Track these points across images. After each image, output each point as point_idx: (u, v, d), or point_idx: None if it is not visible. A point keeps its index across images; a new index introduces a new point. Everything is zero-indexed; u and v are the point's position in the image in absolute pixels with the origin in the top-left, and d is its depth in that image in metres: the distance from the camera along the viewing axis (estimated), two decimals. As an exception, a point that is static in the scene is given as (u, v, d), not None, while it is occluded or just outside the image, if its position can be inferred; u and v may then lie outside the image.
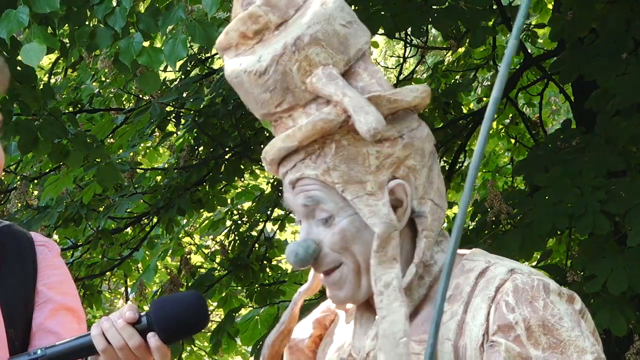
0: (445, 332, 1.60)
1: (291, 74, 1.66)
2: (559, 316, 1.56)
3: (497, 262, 1.64)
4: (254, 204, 7.18)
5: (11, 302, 2.09)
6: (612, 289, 4.20)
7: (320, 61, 1.66)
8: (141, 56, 3.89)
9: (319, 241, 1.67)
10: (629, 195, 4.32)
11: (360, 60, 1.69)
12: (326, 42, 1.66)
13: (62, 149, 4.98)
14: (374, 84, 1.67)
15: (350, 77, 1.68)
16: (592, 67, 4.67)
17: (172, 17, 3.83)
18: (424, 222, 1.67)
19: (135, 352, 1.85)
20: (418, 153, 1.67)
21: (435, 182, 1.69)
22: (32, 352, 1.88)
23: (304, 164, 1.67)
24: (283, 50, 1.66)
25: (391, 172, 1.65)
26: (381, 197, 1.64)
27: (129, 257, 6.97)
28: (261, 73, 1.68)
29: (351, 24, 1.68)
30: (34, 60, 3.71)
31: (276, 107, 1.69)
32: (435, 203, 1.68)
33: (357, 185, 1.65)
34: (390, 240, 1.63)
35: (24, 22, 3.73)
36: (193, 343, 7.02)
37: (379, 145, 1.65)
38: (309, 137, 1.66)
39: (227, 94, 5.97)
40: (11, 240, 2.15)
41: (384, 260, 1.63)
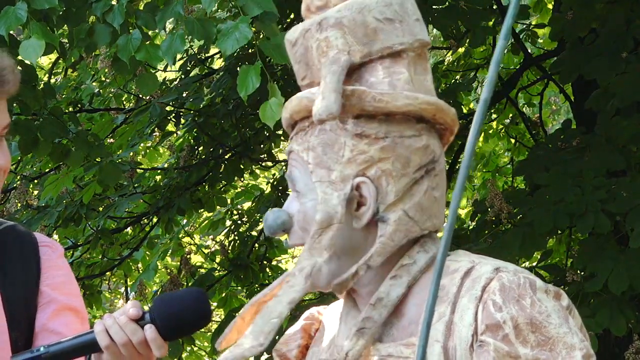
0: (433, 334, 1.59)
1: (311, 50, 1.69)
2: (547, 313, 1.55)
3: (481, 262, 1.63)
4: (253, 204, 7.18)
5: (14, 302, 2.10)
6: (613, 288, 4.20)
7: (337, 45, 1.66)
8: (139, 52, 3.89)
9: (293, 215, 1.69)
10: (630, 195, 4.32)
11: (389, 58, 1.67)
12: (350, 29, 1.67)
13: (62, 149, 4.98)
14: (384, 82, 1.67)
15: (367, 70, 1.68)
16: (592, 66, 4.67)
17: (170, 12, 3.82)
18: (385, 229, 1.65)
19: (139, 349, 1.85)
20: (399, 160, 1.65)
21: (418, 196, 1.66)
22: (35, 350, 1.88)
23: (296, 138, 1.72)
24: (310, 26, 1.69)
25: (362, 169, 1.65)
26: (340, 188, 1.64)
27: (129, 257, 6.97)
28: (293, 44, 1.73)
29: (391, 22, 1.67)
30: (32, 57, 3.70)
31: (301, 80, 1.73)
32: (409, 215, 1.65)
33: (324, 171, 1.66)
34: (327, 231, 1.64)
35: (22, 18, 3.72)
36: (193, 343, 7.02)
37: (357, 138, 1.65)
38: (296, 111, 1.71)
39: (227, 93, 5.97)
40: (15, 240, 2.16)
41: (315, 247, 1.64)
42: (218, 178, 6.43)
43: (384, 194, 1.65)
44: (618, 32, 4.70)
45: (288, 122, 1.74)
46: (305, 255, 1.65)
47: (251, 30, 3.65)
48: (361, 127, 1.66)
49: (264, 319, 1.63)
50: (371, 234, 1.66)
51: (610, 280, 4.22)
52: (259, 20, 3.70)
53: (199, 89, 6.32)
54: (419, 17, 1.71)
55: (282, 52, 3.77)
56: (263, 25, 3.74)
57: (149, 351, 1.86)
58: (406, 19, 1.69)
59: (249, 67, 3.75)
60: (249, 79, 3.71)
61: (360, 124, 1.66)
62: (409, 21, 1.69)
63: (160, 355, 1.86)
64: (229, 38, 3.67)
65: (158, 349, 1.85)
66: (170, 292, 2.03)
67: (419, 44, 1.69)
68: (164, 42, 3.93)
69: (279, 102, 3.73)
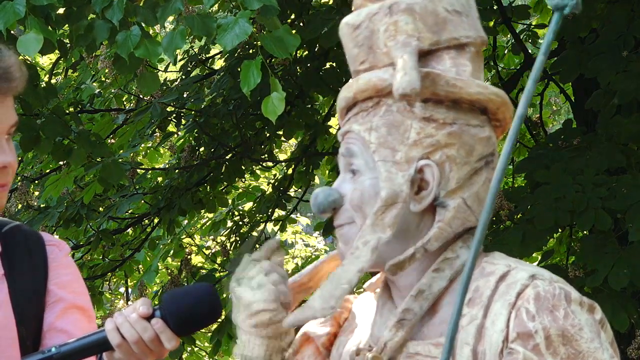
0: (464, 336, 1.58)
1: (378, 34, 1.69)
2: (579, 327, 1.54)
3: (517, 267, 1.62)
4: (254, 205, 7.18)
5: (22, 301, 2.11)
6: (613, 284, 4.20)
7: (407, 30, 1.67)
8: (138, 49, 3.88)
9: (344, 195, 1.69)
10: (630, 192, 4.32)
11: (454, 50, 1.68)
12: (420, 16, 1.67)
13: (64, 148, 4.98)
14: (451, 71, 1.67)
15: (433, 58, 1.68)
16: (593, 65, 4.67)
17: (170, 9, 3.81)
18: (443, 214, 1.65)
19: (150, 345, 1.85)
20: (464, 148, 1.66)
21: (477, 185, 1.66)
22: (46, 350, 1.88)
23: (355, 118, 1.71)
24: (378, 10, 1.69)
25: (427, 152, 1.65)
26: (405, 169, 1.64)
27: (130, 257, 6.97)
28: (355, 27, 1.72)
29: (459, 14, 1.69)
30: (30, 51, 3.68)
31: (360, 65, 1.72)
32: (467, 204, 1.66)
33: (388, 151, 1.66)
34: (392, 209, 1.64)
35: (20, 13, 3.71)
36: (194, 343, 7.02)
37: (425, 122, 1.65)
38: (362, 90, 1.69)
39: (227, 94, 5.97)
40: (22, 240, 2.17)
41: (378, 223, 1.64)
42: (219, 179, 6.44)
43: (446, 180, 1.65)
44: (619, 31, 4.71)
45: (348, 101, 1.73)
46: (368, 230, 1.64)
47: (251, 26, 3.65)
48: (430, 111, 1.66)
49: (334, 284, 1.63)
50: (424, 219, 1.66)
51: (611, 276, 4.22)
52: (260, 13, 3.70)
53: (200, 90, 6.32)
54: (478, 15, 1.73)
55: (283, 45, 3.77)
56: (264, 18, 3.74)
57: (160, 347, 1.86)
58: (471, 14, 1.71)
59: (250, 62, 3.75)
60: (250, 74, 3.71)
61: (429, 108, 1.66)
62: (473, 17, 1.71)
63: (172, 348, 1.87)
64: (229, 33, 3.66)
65: (168, 342, 1.85)
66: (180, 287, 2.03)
67: (481, 40, 1.71)
68: (164, 38, 3.92)
69: (280, 96, 3.73)
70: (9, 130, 2.08)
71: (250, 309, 1.75)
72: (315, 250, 9.87)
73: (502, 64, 7.08)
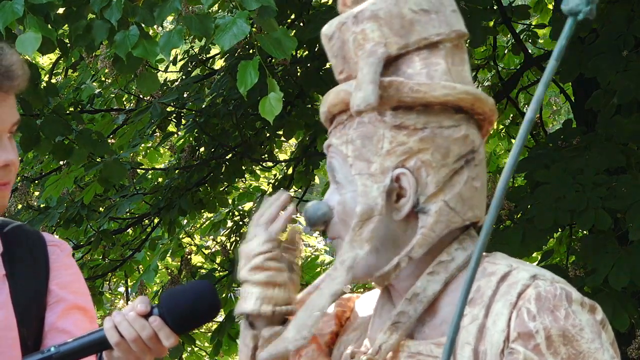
0: (465, 336, 1.58)
1: (348, 44, 1.69)
2: (580, 327, 1.54)
3: (519, 267, 1.62)
4: (255, 205, 7.18)
5: (24, 301, 2.11)
6: (613, 284, 4.20)
7: (374, 38, 1.66)
8: (137, 48, 3.88)
9: (333, 207, 1.69)
10: (630, 192, 4.32)
11: (425, 49, 1.67)
12: (386, 21, 1.66)
13: (65, 147, 4.97)
14: (421, 74, 1.66)
15: (404, 61, 1.68)
16: (593, 65, 4.68)
17: (168, 8, 3.82)
18: (425, 220, 1.64)
19: (148, 343, 1.85)
20: (439, 151, 1.64)
21: (459, 186, 1.65)
22: (46, 350, 1.88)
23: (335, 131, 1.71)
24: (346, 19, 1.69)
25: (401, 160, 1.64)
26: (380, 180, 1.64)
27: (131, 257, 6.97)
28: (329, 37, 1.73)
29: (427, 13, 1.67)
30: (29, 50, 3.68)
31: (339, 75, 1.73)
32: (449, 206, 1.65)
33: (363, 163, 1.66)
34: (368, 223, 1.63)
35: (18, 12, 3.71)
36: (194, 343, 7.02)
37: (396, 130, 1.65)
38: (334, 104, 1.70)
39: (227, 94, 5.97)
40: (23, 240, 2.17)
41: (356, 239, 1.64)
42: (219, 179, 6.44)
43: (423, 185, 1.64)
44: (619, 31, 4.71)
45: (326, 116, 1.74)
46: (346, 247, 1.65)
47: (249, 26, 3.65)
48: (400, 118, 1.65)
49: (307, 313, 1.64)
50: (411, 226, 1.66)
51: (611, 276, 4.22)
52: (258, 15, 3.70)
53: (200, 90, 6.32)
54: (455, 8, 1.71)
55: (281, 47, 3.77)
56: (261, 20, 3.74)
57: (159, 345, 1.86)
58: (442, 10, 1.69)
59: (247, 63, 3.75)
60: (248, 74, 3.71)
61: (399, 115, 1.65)
62: (445, 12, 1.69)
63: (170, 345, 1.86)
64: (227, 33, 3.66)
65: (167, 339, 1.85)
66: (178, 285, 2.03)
67: (456, 34, 1.69)
68: (161, 37, 3.93)
69: (278, 97, 3.73)
70: (11, 128, 2.09)
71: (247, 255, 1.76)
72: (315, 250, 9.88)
73: (502, 64, 7.09)
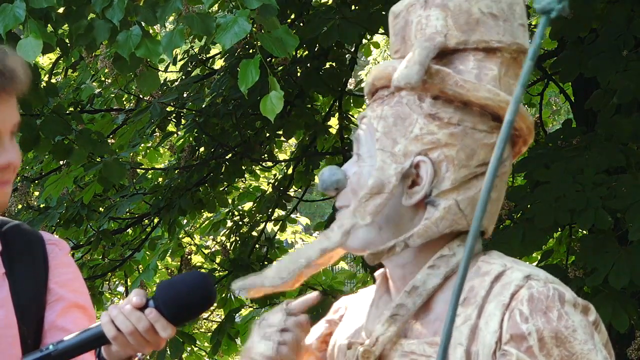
0: (457, 336, 1.58)
1: (411, 25, 1.70)
2: (573, 328, 1.54)
3: (513, 267, 1.62)
4: (254, 205, 7.19)
5: (23, 300, 2.11)
6: (613, 283, 4.20)
7: (436, 26, 1.68)
8: (139, 49, 3.88)
9: (348, 177, 1.70)
10: (630, 192, 4.32)
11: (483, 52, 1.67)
12: (453, 14, 1.67)
13: (65, 147, 4.97)
14: (472, 73, 1.67)
15: (459, 57, 1.68)
16: (593, 64, 4.68)
17: (170, 8, 3.81)
18: (432, 213, 1.65)
19: (146, 336, 1.86)
20: (464, 151, 1.65)
21: (474, 190, 1.65)
22: (44, 348, 1.89)
23: (372, 105, 1.72)
24: (416, 2, 1.71)
25: (425, 149, 1.65)
26: (400, 162, 1.65)
27: (130, 257, 6.97)
28: (395, 15, 1.74)
29: (495, 18, 1.68)
30: (30, 56, 3.68)
31: (394, 53, 1.74)
32: (459, 207, 1.65)
33: (389, 141, 1.67)
34: (376, 198, 1.64)
35: (20, 17, 3.71)
36: (194, 343, 7.02)
37: (429, 119, 1.65)
38: (379, 77, 1.71)
39: (227, 94, 5.97)
40: (22, 239, 2.17)
41: (360, 210, 1.65)
42: (219, 178, 6.44)
43: (440, 179, 1.65)
44: (618, 31, 4.71)
45: (370, 88, 1.75)
46: (348, 214, 1.66)
47: (250, 24, 3.64)
48: (437, 108, 1.66)
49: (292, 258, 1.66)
50: (418, 214, 1.66)
51: (611, 276, 4.22)
52: (259, 13, 3.69)
53: (200, 90, 6.32)
54: (524, 23, 1.72)
55: (282, 45, 3.77)
56: (262, 18, 3.73)
57: (156, 337, 1.87)
58: (511, 20, 1.69)
59: (249, 61, 3.74)
60: (249, 73, 3.71)
61: (436, 105, 1.66)
62: (513, 22, 1.69)
63: (167, 337, 1.87)
64: (228, 32, 3.66)
65: (164, 330, 1.86)
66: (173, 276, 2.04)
67: (517, 47, 1.69)
68: (163, 37, 3.92)
69: (279, 95, 3.73)
70: (12, 129, 2.10)
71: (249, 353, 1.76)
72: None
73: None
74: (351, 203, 1.68)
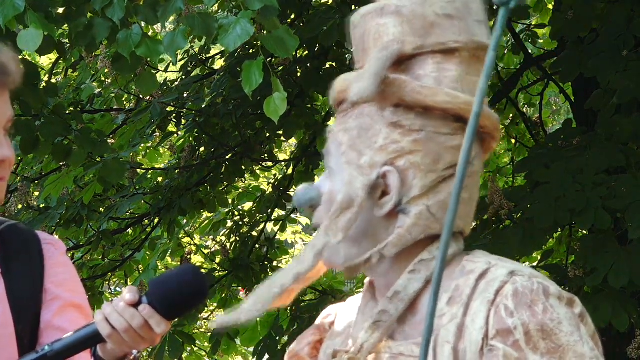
0: (444, 334, 1.58)
1: (369, 35, 1.69)
2: (558, 320, 1.54)
3: (497, 264, 1.62)
4: (254, 205, 7.19)
5: (19, 299, 2.11)
6: (613, 283, 4.20)
7: (393, 33, 1.67)
8: (140, 48, 3.86)
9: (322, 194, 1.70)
10: (630, 191, 4.32)
11: (440, 54, 1.67)
12: (408, 19, 1.67)
13: (64, 148, 4.97)
14: (430, 77, 1.66)
15: (417, 62, 1.67)
16: (593, 64, 4.68)
17: (171, 7, 3.80)
18: (404, 221, 1.64)
19: (140, 333, 1.86)
20: (430, 156, 1.64)
21: (444, 194, 1.65)
22: (40, 350, 1.88)
23: (338, 118, 1.72)
24: (372, 10, 1.70)
25: (391, 158, 1.64)
26: (367, 174, 1.64)
27: (131, 257, 6.97)
28: (354, 26, 1.74)
29: (450, 18, 1.67)
30: (30, 47, 3.66)
31: (357, 64, 1.73)
32: (430, 211, 1.64)
33: (355, 154, 1.66)
34: (346, 213, 1.64)
35: (19, 7, 3.70)
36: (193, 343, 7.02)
37: (392, 127, 1.65)
38: (340, 91, 1.70)
39: (227, 94, 5.97)
40: (18, 238, 2.17)
41: (332, 227, 1.64)
42: (219, 178, 6.44)
43: (408, 187, 1.64)
44: (618, 31, 4.71)
45: (335, 101, 1.74)
46: (321, 233, 1.65)
47: (253, 27, 3.63)
48: (398, 116, 1.65)
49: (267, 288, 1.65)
50: (392, 224, 1.65)
51: (611, 275, 4.22)
52: (260, 14, 3.68)
53: (200, 90, 6.32)
54: (482, 19, 1.70)
55: (284, 45, 3.76)
56: (264, 19, 3.73)
57: (151, 333, 1.87)
58: (467, 18, 1.68)
59: (251, 63, 3.73)
60: (252, 74, 3.70)
61: (398, 114, 1.65)
62: (469, 21, 1.68)
63: (162, 332, 1.87)
64: (231, 34, 3.64)
65: (158, 326, 1.86)
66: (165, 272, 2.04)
67: (475, 44, 1.68)
68: (165, 37, 3.90)
69: (282, 96, 3.72)
70: (6, 124, 2.09)
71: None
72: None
73: (502, 64, 7.09)
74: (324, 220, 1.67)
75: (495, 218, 4.80)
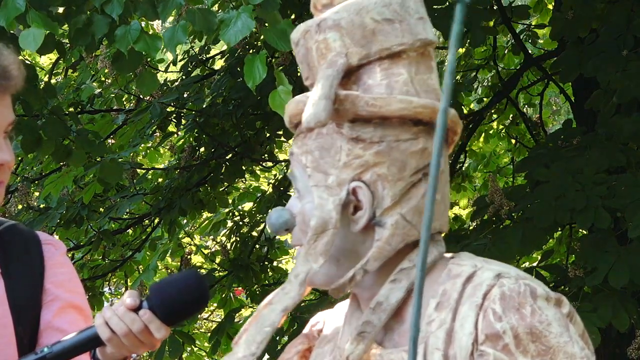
0: (434, 341, 1.57)
1: (312, 52, 1.67)
2: (547, 322, 1.53)
3: (483, 266, 1.61)
4: (255, 205, 7.19)
5: (19, 300, 2.11)
6: (613, 283, 4.20)
7: (335, 48, 1.65)
8: (138, 43, 3.85)
9: (295, 215, 1.68)
10: (630, 190, 4.32)
11: (387, 60, 1.65)
12: (347, 31, 1.64)
13: (64, 149, 4.97)
14: (381, 85, 1.64)
15: (365, 72, 1.66)
16: (593, 64, 4.68)
17: (171, 4, 3.78)
18: (382, 233, 1.63)
19: (140, 337, 1.86)
20: (395, 165, 1.63)
21: (416, 199, 1.64)
22: (39, 351, 1.88)
23: (296, 140, 1.71)
24: (309, 27, 1.68)
25: (357, 173, 1.63)
26: (336, 193, 1.63)
27: (131, 258, 6.98)
28: (295, 44, 1.71)
29: (390, 22, 1.65)
30: (32, 46, 3.65)
31: (305, 80, 1.71)
32: (406, 219, 1.63)
33: (321, 175, 1.65)
34: (323, 237, 1.62)
35: (20, 7, 3.69)
36: (193, 343, 7.03)
37: (353, 143, 1.63)
38: (294, 114, 1.69)
39: (227, 94, 5.98)
40: (18, 239, 2.17)
41: (311, 253, 1.63)
42: (219, 179, 6.44)
43: (380, 199, 1.63)
44: (618, 31, 4.71)
45: (290, 123, 1.73)
46: (301, 260, 1.64)
47: (254, 21, 3.62)
48: (356, 131, 1.63)
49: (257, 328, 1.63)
50: (369, 238, 1.64)
51: (611, 275, 4.22)
52: (261, 7, 3.66)
53: (200, 90, 6.33)
54: (422, 15, 1.68)
55: (286, 38, 3.75)
56: (264, 12, 3.71)
57: (151, 338, 1.87)
58: (407, 19, 1.66)
59: (254, 57, 3.71)
60: (255, 69, 3.67)
61: (356, 128, 1.63)
62: (409, 20, 1.66)
63: (161, 337, 1.87)
64: (232, 29, 3.62)
65: (158, 331, 1.86)
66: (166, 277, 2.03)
67: (421, 43, 1.66)
68: (165, 32, 3.89)
69: (287, 90, 3.69)
70: (7, 128, 2.09)
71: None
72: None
73: (502, 64, 7.09)
74: (303, 242, 1.66)
75: (496, 217, 4.80)
